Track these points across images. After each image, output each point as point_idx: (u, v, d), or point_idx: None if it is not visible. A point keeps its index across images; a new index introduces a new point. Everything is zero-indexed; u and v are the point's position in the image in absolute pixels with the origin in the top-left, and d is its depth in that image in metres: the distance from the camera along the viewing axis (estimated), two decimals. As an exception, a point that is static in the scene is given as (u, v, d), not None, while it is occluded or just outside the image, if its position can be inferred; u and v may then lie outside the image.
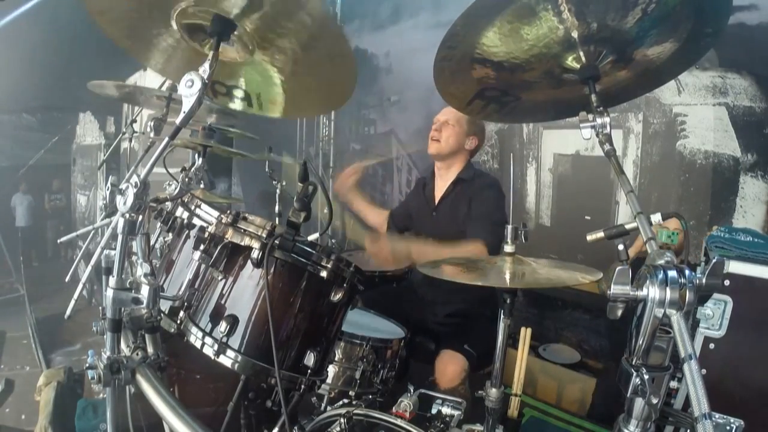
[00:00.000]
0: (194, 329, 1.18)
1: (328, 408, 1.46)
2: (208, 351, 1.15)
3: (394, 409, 1.25)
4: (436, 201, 2.17)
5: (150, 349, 1.07)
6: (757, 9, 2.57)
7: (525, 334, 1.63)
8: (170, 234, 1.48)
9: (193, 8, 1.06)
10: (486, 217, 1.91)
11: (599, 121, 0.98)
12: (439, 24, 4.14)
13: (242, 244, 1.17)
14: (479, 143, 2.16)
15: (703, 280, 0.75)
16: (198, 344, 1.17)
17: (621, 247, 0.86)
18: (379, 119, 4.94)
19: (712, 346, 1.26)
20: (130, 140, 2.68)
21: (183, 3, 1.05)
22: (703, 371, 0.81)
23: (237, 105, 1.42)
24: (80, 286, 1.84)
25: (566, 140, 3.45)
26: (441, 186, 2.18)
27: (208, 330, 1.17)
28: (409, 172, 4.65)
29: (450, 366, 1.86)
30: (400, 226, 2.34)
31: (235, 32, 1.11)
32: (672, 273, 0.74)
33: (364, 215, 2.31)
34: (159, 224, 1.48)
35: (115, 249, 0.98)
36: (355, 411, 1.24)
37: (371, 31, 4.76)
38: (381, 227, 2.33)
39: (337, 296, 1.21)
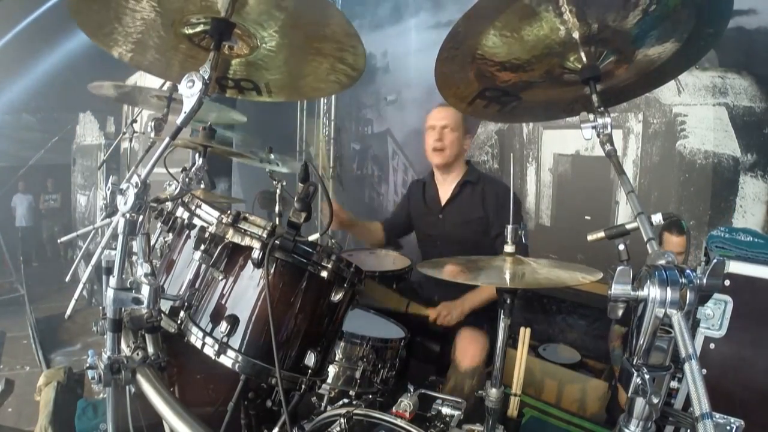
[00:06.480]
0: (195, 329, 1.18)
1: (328, 408, 1.46)
2: (209, 351, 1.14)
3: (394, 409, 1.25)
4: (442, 204, 2.18)
5: (150, 349, 1.07)
6: (756, 13, 2.57)
7: (524, 334, 1.62)
8: (171, 234, 1.48)
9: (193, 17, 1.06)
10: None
11: (600, 121, 0.98)
12: (439, 24, 4.14)
13: (243, 244, 1.17)
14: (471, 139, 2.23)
15: (704, 280, 0.75)
16: (198, 344, 1.17)
17: (621, 247, 0.86)
18: (376, 119, 4.94)
19: (712, 346, 1.26)
20: (131, 140, 2.67)
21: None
22: (704, 371, 0.81)
23: (246, 96, 1.43)
24: (80, 286, 1.84)
25: (566, 140, 3.45)
26: (445, 189, 2.18)
27: (208, 330, 1.17)
28: (405, 172, 4.64)
29: (473, 344, 1.80)
30: (399, 233, 2.37)
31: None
32: (672, 273, 0.74)
33: (362, 238, 2.37)
34: (159, 224, 1.48)
35: (115, 249, 0.98)
36: (355, 411, 1.23)
37: (370, 31, 4.75)
38: (380, 242, 2.36)
39: (337, 296, 1.21)
